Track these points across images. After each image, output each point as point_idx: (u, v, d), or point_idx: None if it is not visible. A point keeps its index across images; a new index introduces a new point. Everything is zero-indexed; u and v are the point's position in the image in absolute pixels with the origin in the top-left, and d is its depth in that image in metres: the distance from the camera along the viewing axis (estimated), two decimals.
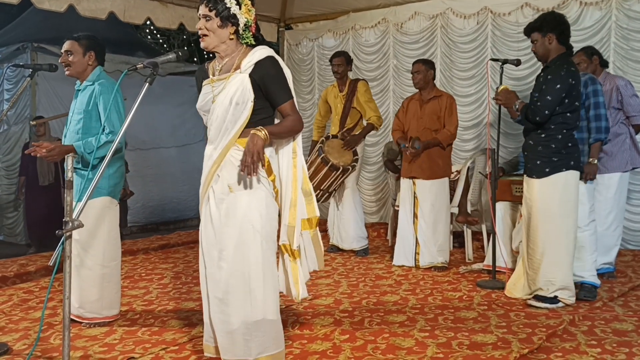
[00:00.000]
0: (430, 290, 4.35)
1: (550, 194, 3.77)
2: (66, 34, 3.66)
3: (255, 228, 2.58)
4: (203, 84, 2.73)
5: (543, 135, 3.79)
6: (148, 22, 6.35)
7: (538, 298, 3.87)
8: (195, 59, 12.88)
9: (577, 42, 4.11)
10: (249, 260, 2.58)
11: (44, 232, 6.37)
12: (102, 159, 3.28)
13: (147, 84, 2.34)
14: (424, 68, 5.05)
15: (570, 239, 3.79)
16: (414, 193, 5.04)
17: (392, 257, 5.28)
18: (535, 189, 3.84)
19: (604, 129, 4.14)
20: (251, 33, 2.65)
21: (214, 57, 2.76)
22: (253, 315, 2.58)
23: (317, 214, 2.83)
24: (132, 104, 2.29)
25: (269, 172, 2.65)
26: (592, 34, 5.57)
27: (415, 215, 5.03)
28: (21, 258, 5.39)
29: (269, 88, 2.60)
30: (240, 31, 2.62)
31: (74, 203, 2.34)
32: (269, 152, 2.65)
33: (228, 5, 2.56)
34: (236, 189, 2.60)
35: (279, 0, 7.29)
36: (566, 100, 3.72)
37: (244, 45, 2.66)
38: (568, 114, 3.75)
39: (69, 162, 2.29)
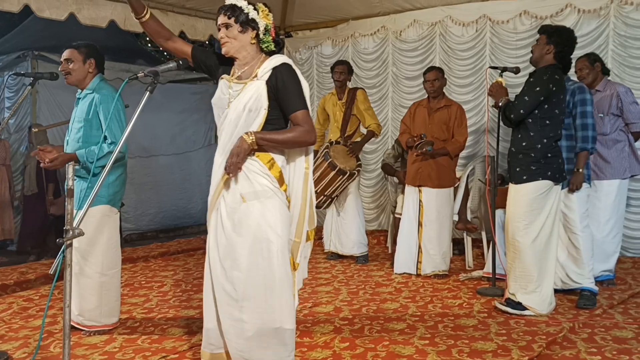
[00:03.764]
0: (430, 298, 4.34)
1: (521, 200, 3.82)
2: (67, 42, 3.68)
3: (270, 237, 2.55)
4: (221, 76, 2.68)
5: (524, 144, 3.84)
6: None
7: (507, 302, 3.91)
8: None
9: (575, 49, 4.14)
10: (264, 270, 2.55)
11: (33, 241, 6.50)
12: (103, 167, 3.30)
13: (148, 92, 2.34)
14: (440, 75, 5.07)
15: (535, 246, 3.80)
16: (420, 200, 5.04)
17: (392, 264, 5.28)
18: (511, 193, 3.90)
19: (590, 138, 4.13)
20: (271, 37, 2.63)
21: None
22: (270, 324, 2.55)
23: (315, 224, 2.81)
24: (133, 113, 2.30)
25: (281, 182, 2.61)
26: (589, 41, 5.59)
27: (420, 223, 5.03)
28: (21, 266, 5.39)
29: (281, 95, 2.55)
30: (261, 35, 2.60)
31: (74, 211, 2.34)
32: (280, 161, 2.61)
33: (246, 11, 2.56)
34: (249, 199, 2.55)
35: (279, 8, 7.32)
36: (545, 106, 3.76)
37: (263, 54, 2.65)
38: (547, 122, 3.78)
39: (70, 171, 2.29)
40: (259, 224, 2.54)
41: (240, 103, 2.55)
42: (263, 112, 2.54)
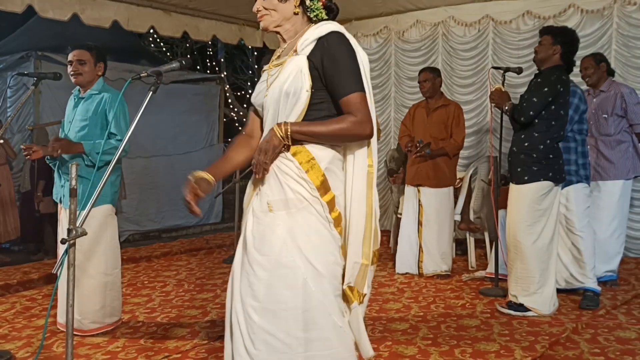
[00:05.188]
0: (433, 298, 4.34)
1: (522, 200, 3.81)
2: (70, 42, 3.69)
3: (296, 262, 1.91)
4: (262, 71, 2.17)
5: (526, 144, 3.83)
6: (151, 31, 6.38)
7: (509, 304, 3.90)
8: (198, 67, 12.93)
9: (578, 49, 4.16)
10: (288, 304, 1.90)
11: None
12: (107, 163, 3.32)
13: (151, 92, 2.34)
14: (432, 76, 5.04)
15: (537, 247, 3.80)
16: (419, 200, 5.04)
17: (394, 264, 5.28)
18: (512, 194, 3.89)
19: None
20: (321, 3, 2.05)
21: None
22: None
23: (379, 244, 2.11)
24: (136, 113, 2.30)
25: (325, 190, 1.95)
26: (592, 42, 5.59)
27: (419, 223, 5.03)
28: (24, 265, 5.41)
29: (329, 73, 1.94)
30: (307, 2, 2.03)
31: (74, 211, 2.34)
32: (325, 163, 1.96)
33: None
34: (276, 208, 1.95)
35: None
36: (552, 107, 3.75)
37: (312, 25, 2.05)
38: (553, 122, 3.77)
39: (73, 170, 2.29)
40: (285, 242, 1.93)
41: (277, 86, 1.98)
42: (305, 95, 1.94)
